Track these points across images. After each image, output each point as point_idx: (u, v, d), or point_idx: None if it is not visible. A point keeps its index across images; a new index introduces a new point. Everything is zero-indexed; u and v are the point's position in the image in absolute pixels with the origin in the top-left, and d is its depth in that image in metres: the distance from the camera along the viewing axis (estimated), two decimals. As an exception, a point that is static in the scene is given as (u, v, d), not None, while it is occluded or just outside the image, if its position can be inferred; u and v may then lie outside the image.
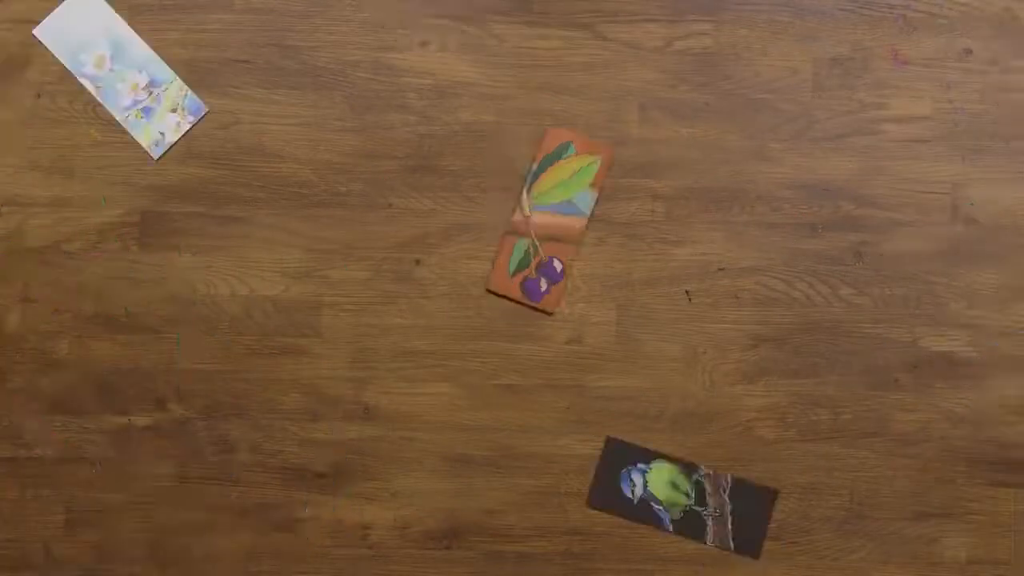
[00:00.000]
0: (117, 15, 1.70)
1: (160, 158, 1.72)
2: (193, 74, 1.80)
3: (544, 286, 1.75)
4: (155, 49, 1.80)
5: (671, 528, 1.72)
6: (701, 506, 1.72)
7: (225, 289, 1.79)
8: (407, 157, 1.79)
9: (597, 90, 1.79)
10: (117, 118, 1.70)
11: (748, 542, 1.71)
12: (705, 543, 1.71)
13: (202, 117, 1.72)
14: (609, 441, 1.73)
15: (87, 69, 1.72)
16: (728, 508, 1.71)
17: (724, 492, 1.72)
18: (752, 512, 1.72)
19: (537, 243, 1.74)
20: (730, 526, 1.72)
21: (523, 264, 1.75)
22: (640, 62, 1.79)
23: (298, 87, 1.80)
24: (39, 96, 1.80)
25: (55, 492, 1.78)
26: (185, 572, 1.77)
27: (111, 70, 1.69)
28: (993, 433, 1.76)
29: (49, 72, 1.80)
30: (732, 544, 1.71)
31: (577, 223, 1.75)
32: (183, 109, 1.71)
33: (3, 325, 1.78)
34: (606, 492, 1.73)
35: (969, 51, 1.79)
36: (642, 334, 1.77)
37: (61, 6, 1.67)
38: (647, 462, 1.73)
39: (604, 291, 1.78)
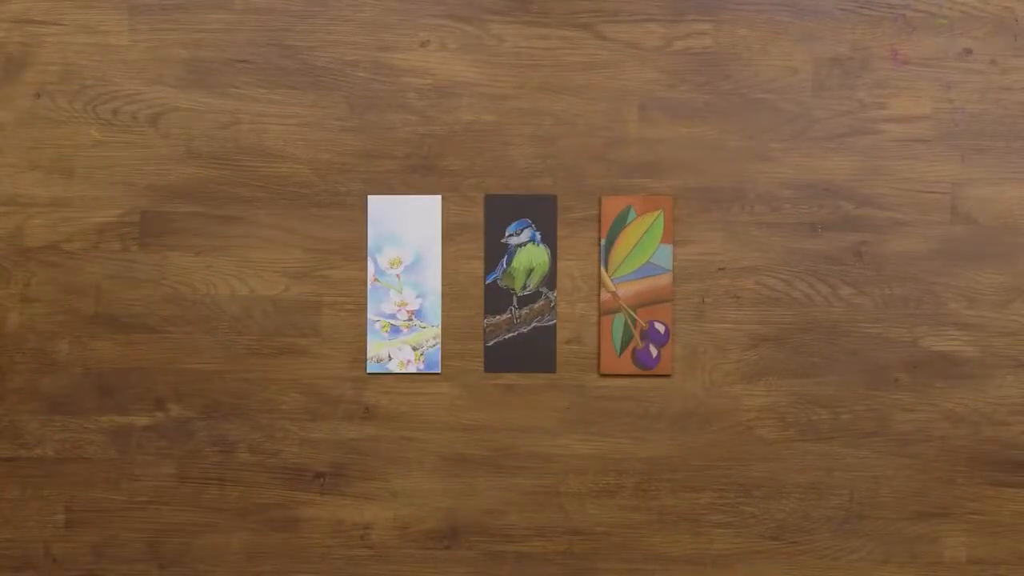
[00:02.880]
0: (442, 235, 1.73)
1: (372, 375, 1.75)
2: (193, 74, 1.80)
3: (654, 352, 1.75)
4: (155, 49, 1.80)
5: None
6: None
7: (225, 289, 1.79)
8: (407, 157, 1.79)
9: (597, 90, 1.79)
10: (368, 316, 1.73)
11: None
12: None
13: (432, 373, 1.75)
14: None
15: (379, 259, 1.74)
16: None
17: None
18: None
19: (633, 313, 1.74)
20: None
21: (627, 338, 1.75)
22: (640, 62, 1.79)
23: (298, 87, 1.80)
24: (39, 96, 1.80)
25: (55, 492, 1.78)
26: (185, 572, 1.77)
27: (397, 276, 1.72)
28: (993, 433, 1.76)
29: (49, 72, 1.80)
30: None
31: (663, 280, 1.75)
32: (422, 357, 1.74)
33: (3, 325, 1.78)
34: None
35: (969, 51, 1.79)
36: (642, 334, 1.77)
37: (407, 197, 1.70)
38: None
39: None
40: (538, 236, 1.77)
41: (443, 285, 1.78)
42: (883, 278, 1.77)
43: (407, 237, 1.75)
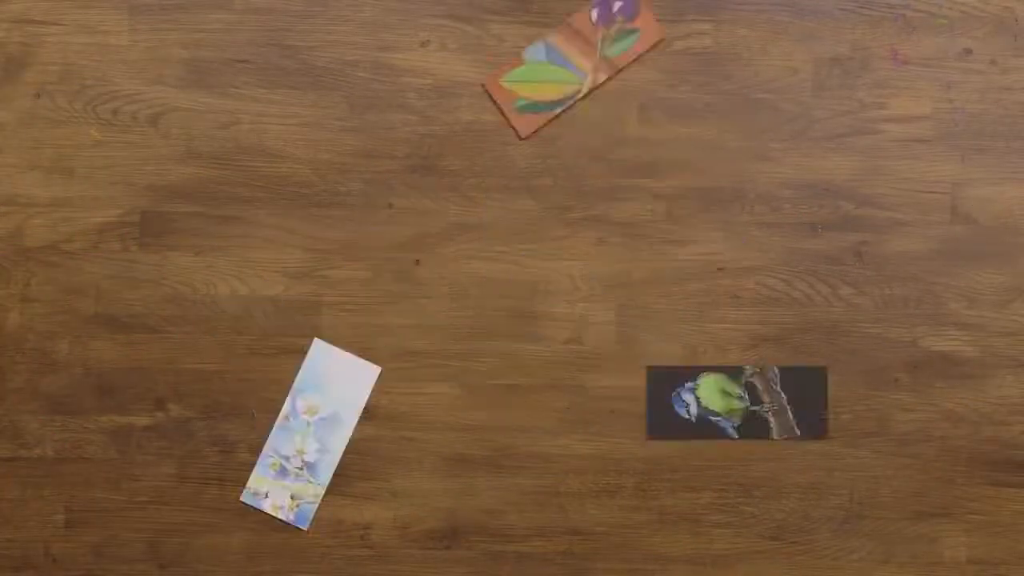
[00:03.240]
0: (372, 397, 1.75)
1: (242, 496, 1.75)
2: (193, 74, 1.80)
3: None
4: (155, 49, 1.80)
5: (736, 435, 1.73)
6: (757, 404, 1.73)
7: (225, 289, 1.79)
8: (407, 157, 1.79)
9: (597, 90, 1.79)
10: (266, 447, 1.74)
11: (812, 426, 1.73)
12: (772, 438, 1.73)
13: (302, 527, 1.74)
14: (651, 370, 1.73)
15: (299, 401, 1.74)
16: (783, 399, 1.72)
17: (775, 385, 1.72)
18: (808, 395, 1.74)
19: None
20: (791, 415, 1.73)
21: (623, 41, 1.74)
22: (640, 62, 1.79)
23: (298, 87, 1.80)
24: (39, 96, 1.80)
25: (55, 492, 1.78)
26: (185, 572, 1.77)
27: (308, 423, 1.72)
28: (993, 433, 1.76)
29: (49, 72, 1.80)
30: (797, 431, 1.73)
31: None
32: (296, 507, 1.73)
33: (3, 325, 1.78)
34: (662, 420, 1.74)
35: (969, 51, 1.79)
36: (642, 334, 1.77)
37: (351, 356, 1.73)
38: (693, 379, 1.73)
39: (604, 291, 1.78)
40: None
41: (443, 285, 1.78)
42: (883, 278, 1.77)
43: (333, 392, 1.75)
